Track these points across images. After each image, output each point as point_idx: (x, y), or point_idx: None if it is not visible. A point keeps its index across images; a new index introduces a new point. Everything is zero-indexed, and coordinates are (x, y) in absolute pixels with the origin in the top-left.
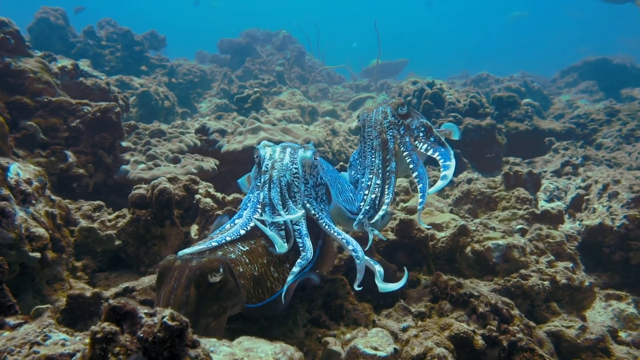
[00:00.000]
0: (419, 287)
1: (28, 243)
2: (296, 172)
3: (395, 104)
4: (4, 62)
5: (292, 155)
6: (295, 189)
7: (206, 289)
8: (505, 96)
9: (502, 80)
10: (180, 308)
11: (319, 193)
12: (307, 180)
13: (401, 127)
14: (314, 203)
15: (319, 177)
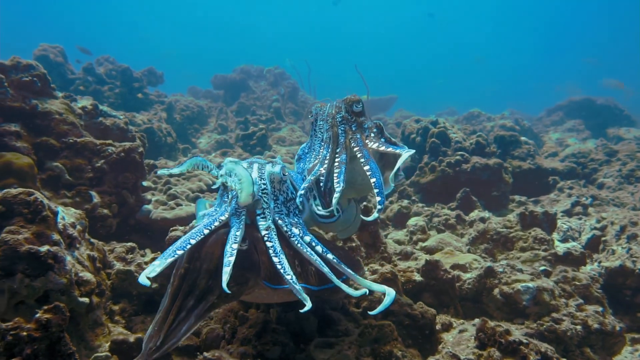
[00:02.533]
0: (453, 331)
1: (77, 288)
2: (264, 188)
3: (350, 99)
4: (31, 104)
5: (259, 170)
6: (264, 204)
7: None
8: (507, 135)
9: (494, 118)
10: (203, 262)
11: (290, 208)
12: (277, 196)
13: (353, 123)
14: (285, 219)
15: (290, 192)
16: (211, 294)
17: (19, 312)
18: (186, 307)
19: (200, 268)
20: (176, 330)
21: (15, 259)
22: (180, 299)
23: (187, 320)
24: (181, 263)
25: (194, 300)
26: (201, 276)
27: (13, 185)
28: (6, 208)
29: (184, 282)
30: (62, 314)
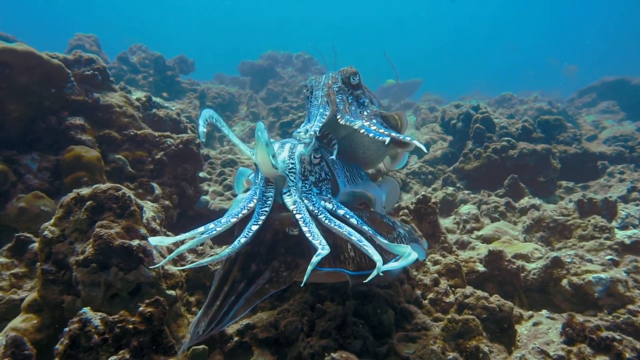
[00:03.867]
0: (525, 323)
1: (164, 281)
2: (292, 168)
3: (347, 71)
4: (94, 97)
5: (290, 150)
6: (290, 183)
7: (282, 238)
8: (552, 119)
9: (527, 101)
10: (254, 245)
11: (323, 188)
12: (307, 176)
13: (350, 95)
14: (313, 198)
15: (324, 173)
16: (261, 277)
17: (113, 305)
18: (236, 290)
19: (250, 252)
20: (225, 314)
21: (109, 252)
22: (230, 282)
23: (236, 303)
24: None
25: (244, 284)
26: (251, 260)
27: (83, 178)
28: (96, 203)
29: (234, 266)
30: (162, 308)
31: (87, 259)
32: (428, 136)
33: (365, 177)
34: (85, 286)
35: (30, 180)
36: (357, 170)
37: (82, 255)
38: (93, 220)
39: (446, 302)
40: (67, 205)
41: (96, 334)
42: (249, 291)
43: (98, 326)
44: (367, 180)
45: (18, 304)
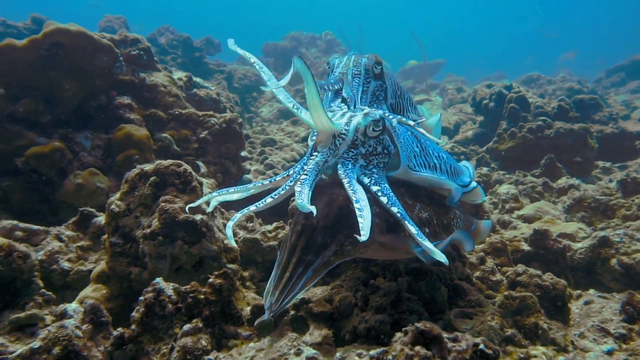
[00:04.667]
0: (575, 302)
1: (224, 255)
2: (344, 134)
3: (370, 58)
4: (140, 77)
5: (349, 118)
6: (332, 146)
7: (347, 213)
8: (587, 98)
9: (554, 80)
10: (320, 219)
11: (372, 162)
12: (357, 146)
13: (366, 85)
14: (348, 165)
15: (381, 148)
16: (327, 249)
17: (178, 277)
18: (304, 261)
19: (317, 225)
20: (295, 285)
21: (174, 226)
22: (298, 254)
23: (305, 274)
24: (298, 219)
25: (312, 255)
26: (317, 232)
27: (134, 156)
28: (160, 178)
29: (301, 238)
30: (230, 280)
31: (154, 232)
32: (457, 117)
33: (448, 161)
34: (152, 258)
35: (84, 158)
36: (439, 152)
37: (149, 229)
38: (157, 195)
39: (493, 281)
40: (131, 180)
41: (170, 303)
42: (316, 262)
43: (171, 296)
44: (450, 164)
45: (86, 274)
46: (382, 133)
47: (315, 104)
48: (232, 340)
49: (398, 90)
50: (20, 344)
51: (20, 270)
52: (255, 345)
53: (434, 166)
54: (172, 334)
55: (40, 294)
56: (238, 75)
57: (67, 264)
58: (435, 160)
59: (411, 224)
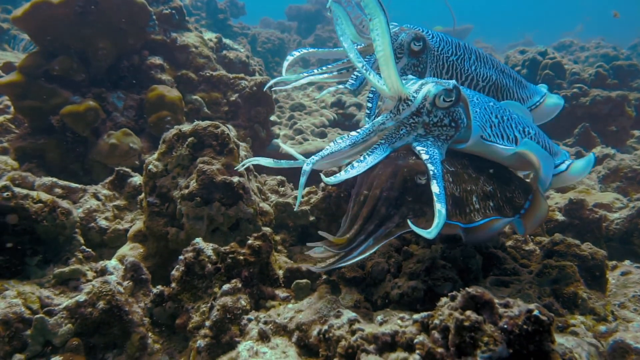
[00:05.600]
0: (610, 273)
1: (260, 218)
2: (410, 100)
3: (410, 33)
4: (171, 37)
5: (420, 85)
6: (394, 110)
7: (411, 186)
8: (625, 65)
9: (588, 47)
10: (384, 190)
11: (433, 132)
12: (421, 113)
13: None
14: (406, 133)
15: (447, 120)
16: (390, 220)
17: (214, 238)
18: (366, 230)
19: (380, 195)
20: (355, 249)
21: (212, 188)
22: (360, 222)
23: (366, 241)
24: (359, 191)
25: (374, 225)
26: (381, 203)
27: (166, 118)
28: (197, 140)
29: (363, 208)
30: (269, 242)
31: (192, 193)
32: None
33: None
34: (189, 219)
35: (117, 118)
36: (525, 127)
37: (187, 190)
38: (194, 157)
39: (525, 250)
40: (169, 141)
41: (209, 263)
42: (379, 232)
43: (211, 256)
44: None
45: (122, 233)
46: (455, 104)
47: (387, 59)
48: (269, 301)
49: (466, 68)
50: (65, 297)
51: (63, 226)
52: (293, 307)
53: (514, 139)
54: (211, 293)
55: (81, 250)
56: (261, 39)
57: (105, 222)
58: (517, 134)
59: (441, 207)
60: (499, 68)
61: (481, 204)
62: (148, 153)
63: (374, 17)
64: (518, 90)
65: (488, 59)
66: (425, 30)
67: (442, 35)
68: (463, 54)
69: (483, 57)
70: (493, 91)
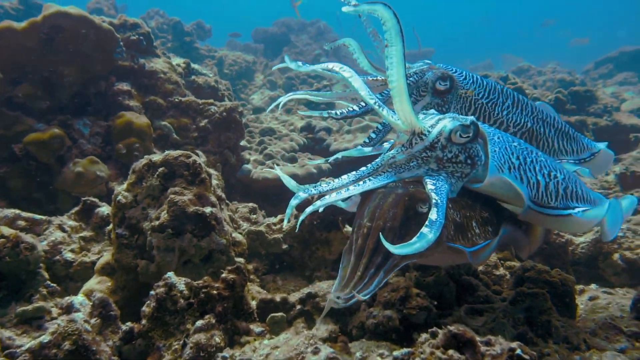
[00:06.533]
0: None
1: (233, 248)
2: (424, 135)
3: (437, 72)
4: (139, 63)
5: (438, 120)
6: (406, 143)
7: (413, 214)
8: (582, 90)
9: (545, 71)
10: (387, 221)
11: (447, 168)
12: (435, 148)
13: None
14: (415, 165)
15: (462, 157)
16: None
17: (186, 270)
18: (375, 263)
19: (384, 226)
20: (368, 284)
21: (184, 219)
22: (367, 256)
23: (377, 275)
24: (362, 223)
25: (381, 257)
26: (385, 234)
27: (135, 144)
28: (168, 170)
29: (367, 240)
30: (243, 275)
31: (163, 224)
32: None
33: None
34: (160, 251)
35: (83, 145)
36: (552, 171)
37: (158, 221)
38: (165, 187)
39: (496, 275)
40: (139, 171)
41: (182, 298)
42: (387, 264)
43: (183, 291)
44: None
45: (89, 266)
46: (472, 141)
47: (400, 89)
48: (244, 336)
49: (497, 112)
50: (28, 337)
51: (27, 262)
52: (269, 343)
53: (536, 184)
54: (183, 329)
55: (45, 285)
56: (228, 62)
57: (70, 255)
58: (540, 178)
59: (437, 219)
60: (539, 116)
61: (481, 229)
62: (116, 181)
63: (392, 44)
64: (561, 141)
65: (527, 106)
66: (457, 71)
67: (476, 77)
68: (496, 98)
69: (521, 103)
70: (527, 138)
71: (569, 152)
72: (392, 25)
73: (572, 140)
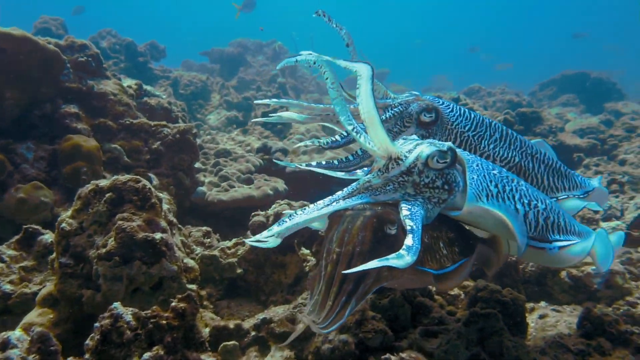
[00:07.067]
0: (529, 316)
1: (185, 275)
2: (401, 160)
3: (422, 104)
4: (88, 85)
5: (415, 145)
6: (383, 169)
7: (382, 237)
8: (528, 112)
9: (494, 93)
10: (356, 245)
11: (424, 194)
12: (411, 172)
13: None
14: (391, 190)
15: (439, 182)
16: (368, 277)
17: (135, 299)
18: (346, 291)
19: (353, 251)
20: (341, 314)
21: (132, 246)
22: (337, 284)
23: (349, 303)
24: (330, 248)
25: (353, 284)
26: (355, 259)
27: (82, 168)
28: (116, 195)
29: (338, 267)
30: (194, 303)
31: (110, 252)
32: None
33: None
34: (106, 280)
35: (27, 170)
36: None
37: (104, 249)
38: (113, 213)
39: (451, 295)
40: (85, 197)
41: (128, 329)
42: (359, 291)
43: (130, 322)
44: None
45: (30, 298)
46: (449, 167)
47: (372, 119)
48: None
49: (483, 146)
50: None
51: None
52: None
53: (514, 212)
54: None
55: None
56: (184, 82)
57: (9, 287)
58: (519, 206)
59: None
60: (527, 151)
61: (448, 249)
62: (62, 207)
63: (362, 86)
64: (551, 178)
65: (516, 141)
66: (444, 103)
67: (463, 110)
68: (483, 131)
69: (509, 138)
70: (514, 174)
71: (559, 189)
72: (366, 75)
73: (563, 177)
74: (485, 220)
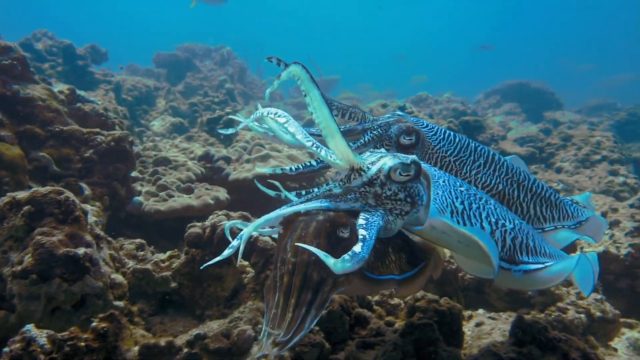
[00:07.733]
0: (466, 323)
1: (111, 291)
2: (363, 171)
3: (402, 126)
4: (13, 89)
5: (380, 157)
6: (345, 179)
7: (336, 242)
8: (471, 120)
9: (441, 101)
10: (312, 253)
11: (385, 205)
12: (374, 184)
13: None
14: (352, 200)
15: (402, 195)
16: (325, 284)
17: (54, 319)
18: (305, 301)
19: (309, 260)
20: (302, 325)
21: (52, 262)
22: (295, 295)
23: (309, 314)
24: (285, 258)
25: (311, 293)
26: (311, 268)
27: (4, 179)
28: (36, 208)
29: (294, 277)
30: (117, 323)
31: (26, 269)
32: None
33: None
34: (22, 299)
35: None
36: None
37: (20, 266)
38: (31, 227)
39: (391, 304)
40: (0, 210)
41: (42, 353)
42: (317, 300)
43: (44, 345)
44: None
45: None
46: (413, 180)
47: (330, 129)
48: None
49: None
50: None
51: None
52: None
53: (484, 233)
54: None
55: None
56: (127, 86)
57: None
58: (485, 225)
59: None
60: (513, 179)
61: (396, 255)
62: None
63: (309, 92)
64: (538, 207)
65: (502, 167)
66: (428, 125)
67: (447, 133)
68: (466, 157)
69: (495, 164)
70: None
71: (547, 219)
72: (304, 77)
73: (553, 206)
74: (449, 238)
